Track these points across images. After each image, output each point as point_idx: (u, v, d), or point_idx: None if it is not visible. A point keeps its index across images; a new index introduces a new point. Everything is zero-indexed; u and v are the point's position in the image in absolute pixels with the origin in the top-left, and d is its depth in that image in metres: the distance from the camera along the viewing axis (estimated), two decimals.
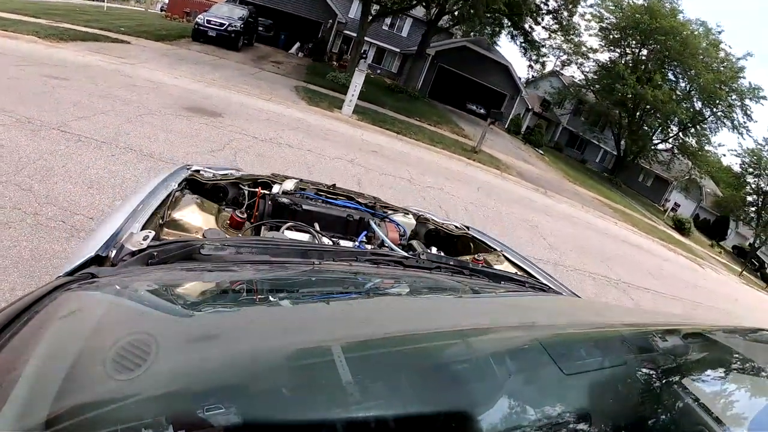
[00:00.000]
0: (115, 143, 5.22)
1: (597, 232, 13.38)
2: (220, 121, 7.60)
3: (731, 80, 28.99)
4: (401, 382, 0.69)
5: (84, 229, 3.47)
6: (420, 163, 10.50)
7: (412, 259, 1.47)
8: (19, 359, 0.61)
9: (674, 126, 32.60)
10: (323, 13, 25.17)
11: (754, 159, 35.11)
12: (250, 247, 1.26)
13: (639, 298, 8.17)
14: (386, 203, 2.35)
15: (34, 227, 3.30)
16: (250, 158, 6.20)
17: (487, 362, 0.81)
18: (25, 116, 5.27)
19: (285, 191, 2.01)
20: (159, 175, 1.85)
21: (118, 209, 1.49)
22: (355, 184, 6.68)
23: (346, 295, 1.15)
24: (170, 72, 10.65)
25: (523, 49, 26.59)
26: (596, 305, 2.66)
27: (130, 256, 1.10)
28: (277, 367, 0.68)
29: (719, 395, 0.84)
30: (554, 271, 6.98)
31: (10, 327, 0.70)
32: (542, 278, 1.92)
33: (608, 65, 32.08)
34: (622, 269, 9.93)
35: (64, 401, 0.54)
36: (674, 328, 1.23)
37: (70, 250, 3.19)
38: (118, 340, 0.67)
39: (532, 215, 10.48)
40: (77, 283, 0.91)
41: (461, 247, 2.40)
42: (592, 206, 18.37)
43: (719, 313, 11.35)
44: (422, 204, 7.17)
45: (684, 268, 16.17)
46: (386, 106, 15.95)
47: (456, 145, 14.62)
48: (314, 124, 10.08)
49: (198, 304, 0.93)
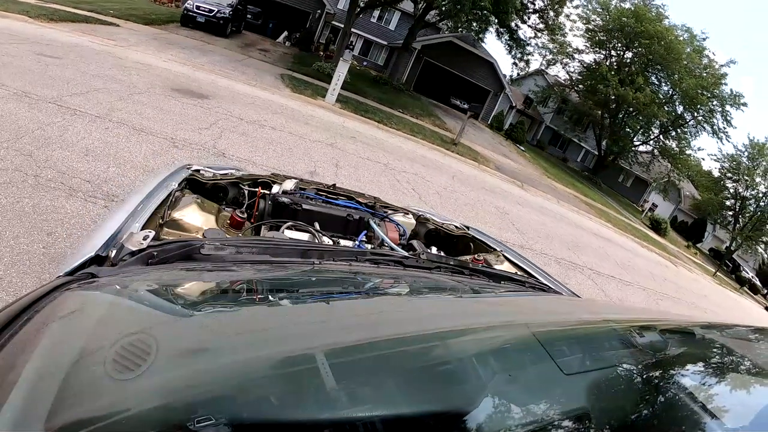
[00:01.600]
0: (108, 118, 5.61)
1: (569, 224, 13.87)
2: (207, 102, 8.00)
3: (713, 86, 29.71)
4: (401, 383, 0.69)
5: (81, 190, 3.88)
6: (397, 151, 10.97)
7: (412, 259, 1.49)
8: (19, 359, 0.61)
9: (656, 128, 33.39)
10: (312, 3, 25.34)
11: (733, 164, 35.97)
12: (250, 247, 1.26)
13: (603, 284, 8.72)
14: (386, 203, 2.37)
15: (35, 187, 3.69)
16: (235, 137, 6.63)
17: (487, 362, 0.82)
18: (22, 90, 5.61)
19: (285, 191, 2.01)
20: (159, 174, 1.87)
21: (118, 209, 1.50)
22: (332, 165, 7.16)
23: (347, 295, 1.15)
24: (159, 55, 10.95)
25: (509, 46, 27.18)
26: (596, 305, 2.71)
27: (130, 256, 1.11)
28: (277, 368, 0.69)
29: (719, 395, 0.84)
30: (522, 253, 7.54)
31: (10, 327, 0.70)
32: (542, 278, 1.94)
33: (593, 66, 32.71)
34: (590, 258, 10.45)
35: (63, 401, 0.54)
36: (675, 328, 1.24)
37: (69, 207, 3.61)
38: (118, 340, 0.68)
39: (505, 204, 11.00)
40: (77, 283, 0.91)
41: (461, 247, 2.41)
42: (567, 201, 18.89)
43: (686, 305, 11.93)
44: (395, 186, 7.68)
45: (655, 264, 16.73)
46: (370, 96, 16.38)
47: (435, 137, 15.11)
48: (297, 110, 10.50)
49: (198, 304, 0.93)
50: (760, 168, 34.75)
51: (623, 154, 34.51)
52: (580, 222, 15.60)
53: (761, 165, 34.65)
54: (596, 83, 30.81)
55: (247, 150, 6.37)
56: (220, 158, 5.67)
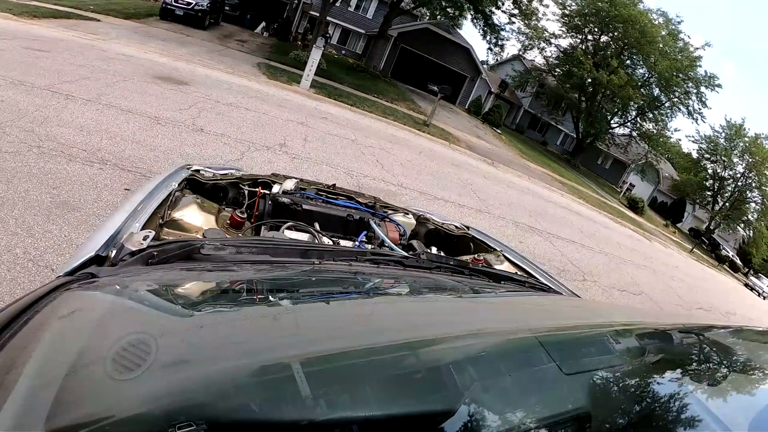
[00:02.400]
0: (98, 101, 6.33)
1: (536, 197, 14.59)
2: (186, 88, 8.73)
3: (688, 68, 30.44)
4: (400, 383, 0.70)
5: (79, 157, 4.62)
6: (367, 130, 11.75)
7: (412, 259, 1.49)
8: (19, 359, 0.62)
9: (633, 111, 34.11)
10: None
11: (711, 145, 36.74)
12: (250, 247, 1.27)
13: (561, 246, 9.56)
14: (386, 203, 2.39)
15: (39, 155, 4.43)
16: (212, 116, 7.39)
17: (486, 362, 0.83)
18: (18, 80, 6.30)
19: (285, 191, 2.03)
20: (159, 174, 1.90)
21: (118, 209, 1.51)
22: (301, 139, 7.96)
23: (347, 295, 1.16)
24: (140, 47, 11.59)
25: (483, 31, 27.88)
26: (596, 305, 2.72)
27: (130, 256, 1.12)
28: (277, 368, 0.69)
29: (719, 395, 0.84)
30: (477, 216, 8.38)
31: (10, 327, 0.71)
32: (542, 278, 1.95)
33: (568, 50, 33.31)
34: (552, 225, 11.19)
35: (64, 401, 0.55)
36: (675, 328, 1.25)
37: (70, 169, 4.35)
38: (118, 340, 0.69)
39: (470, 176, 11.81)
40: (77, 283, 0.92)
41: (461, 247, 2.42)
42: (540, 179, 19.52)
43: (651, 271, 12.81)
44: (359, 157, 8.48)
45: (625, 237, 17.41)
46: (346, 83, 17.07)
47: (408, 119, 15.89)
48: (272, 94, 11.25)
49: (198, 304, 0.94)
50: (738, 149, 35.61)
51: (600, 136, 35.23)
52: (549, 197, 16.32)
53: (738, 146, 35.52)
54: (571, 67, 31.46)
55: (223, 126, 7.14)
56: (198, 133, 6.43)
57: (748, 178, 36.04)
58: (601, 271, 9.55)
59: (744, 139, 35.32)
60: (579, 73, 30.82)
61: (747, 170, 35.84)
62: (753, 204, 36.66)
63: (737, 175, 36.59)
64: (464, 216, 7.93)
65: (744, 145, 35.30)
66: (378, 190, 7.06)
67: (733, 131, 35.57)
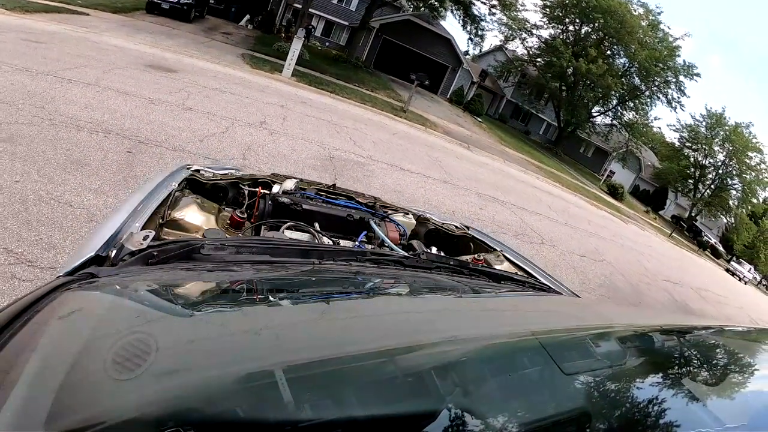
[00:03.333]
0: (97, 85, 7.13)
1: (508, 177, 15.31)
2: (175, 75, 9.53)
3: (667, 58, 31.21)
4: (398, 384, 0.71)
5: (86, 128, 5.44)
6: (345, 114, 12.60)
7: (412, 259, 1.50)
8: (19, 359, 0.62)
9: (614, 99, 34.85)
10: None
11: (691, 134, 37.34)
12: (250, 247, 1.27)
13: (524, 216, 10.35)
14: (386, 203, 2.40)
15: (51, 126, 5.22)
16: (200, 98, 8.23)
17: (486, 362, 0.85)
18: (23, 67, 7.06)
19: (285, 191, 2.03)
20: (159, 174, 1.92)
21: (118, 209, 1.52)
22: (280, 119, 8.82)
23: (347, 296, 1.16)
24: (130, 39, 12.32)
25: (463, 22, 28.68)
26: (596, 305, 2.68)
27: (130, 256, 1.13)
28: (276, 373, 0.68)
29: (719, 395, 0.85)
30: (441, 186, 9.23)
31: (10, 327, 0.71)
32: (542, 278, 1.96)
33: (549, 41, 33.99)
34: (518, 199, 11.92)
35: (63, 401, 0.55)
36: (674, 329, 1.26)
37: (79, 136, 5.17)
38: (117, 340, 0.69)
39: (441, 156, 12.67)
40: (77, 283, 0.93)
41: (461, 247, 2.43)
42: (516, 163, 20.26)
43: (618, 246, 13.47)
44: (334, 135, 9.35)
45: (599, 217, 18.00)
46: (327, 73, 17.86)
47: (386, 106, 16.75)
48: (255, 81, 12.07)
49: (198, 304, 0.95)
50: (718, 137, 36.17)
51: (581, 125, 35.96)
52: (522, 178, 17.08)
53: (719, 134, 36.09)
54: (552, 57, 32.24)
55: (209, 106, 7.98)
56: (187, 111, 7.27)
57: (729, 166, 36.55)
58: (563, 239, 10.32)
59: (725, 127, 35.96)
60: (558, 62, 31.61)
61: (728, 158, 36.38)
62: (734, 191, 37.22)
63: (718, 163, 37.14)
64: (426, 185, 8.83)
65: (725, 133, 35.93)
66: (347, 160, 7.96)
67: (714, 120, 36.23)
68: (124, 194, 4.21)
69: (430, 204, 7.71)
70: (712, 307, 12.93)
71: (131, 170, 4.72)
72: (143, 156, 5.16)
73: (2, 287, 2.67)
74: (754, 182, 35.62)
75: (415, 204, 7.28)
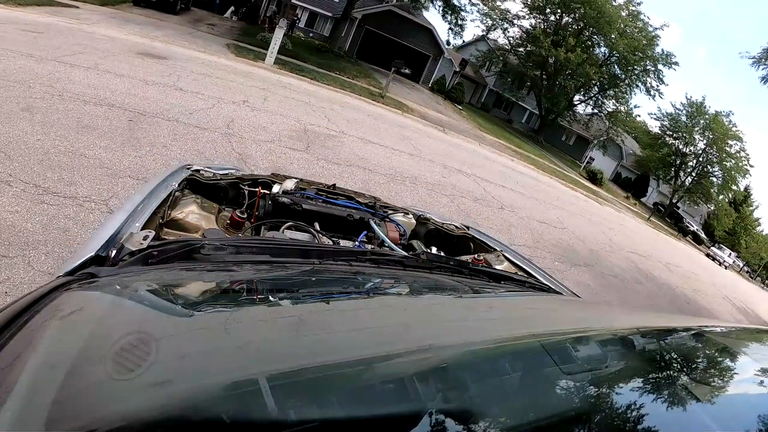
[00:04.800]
0: (96, 69, 8.03)
1: (478, 156, 16.15)
2: (166, 61, 10.44)
3: (646, 47, 32.18)
4: (398, 384, 0.71)
5: (91, 102, 6.34)
6: (323, 97, 13.54)
7: (412, 259, 1.51)
8: (19, 359, 0.62)
9: (595, 88, 35.81)
10: None
11: (672, 123, 38.17)
12: (250, 247, 1.28)
13: (488, 187, 11.23)
14: (386, 203, 2.41)
15: (61, 100, 6.11)
16: (189, 81, 9.17)
17: (486, 362, 0.85)
18: (27, 53, 7.92)
19: (285, 191, 2.04)
20: (159, 174, 1.94)
21: (119, 209, 1.52)
22: (261, 99, 9.77)
23: (347, 296, 1.17)
24: (120, 30, 13.14)
25: (443, 12, 29.56)
26: (596, 306, 2.71)
27: (130, 256, 1.13)
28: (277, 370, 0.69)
29: (719, 395, 0.85)
30: (408, 158, 10.15)
31: (10, 327, 0.71)
32: (542, 278, 1.97)
33: (530, 30, 34.85)
34: (485, 173, 12.74)
35: (63, 402, 0.55)
36: (674, 329, 1.26)
37: (86, 108, 6.09)
38: (118, 340, 0.70)
39: (414, 136, 13.63)
40: (77, 283, 0.94)
41: (461, 247, 2.44)
42: (491, 146, 21.04)
43: (586, 220, 14.25)
44: (309, 113, 10.32)
45: (569, 196, 18.85)
46: (310, 62, 18.73)
47: (365, 91, 17.69)
48: (239, 68, 12.99)
49: (198, 304, 0.95)
50: (699, 126, 37.03)
51: (562, 113, 36.88)
52: (494, 158, 17.95)
53: (699, 123, 36.95)
54: (532, 46, 33.15)
55: (198, 88, 8.91)
56: (178, 91, 8.20)
57: (709, 154, 37.33)
58: (525, 207, 11.20)
59: (705, 116, 36.83)
60: (537, 51, 32.52)
61: (708, 146, 37.14)
62: (714, 179, 38.00)
63: (699, 151, 37.96)
64: (393, 156, 9.83)
65: (705, 122, 36.80)
66: (320, 133, 8.94)
67: (694, 109, 37.15)
68: (128, 150, 5.18)
69: (393, 169, 8.73)
70: (678, 279, 13.79)
71: (133, 134, 5.67)
72: (142, 124, 6.10)
73: (35, 209, 3.58)
74: (734, 169, 36.52)
75: (379, 169, 8.32)
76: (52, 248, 3.20)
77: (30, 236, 3.24)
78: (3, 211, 3.38)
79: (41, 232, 3.33)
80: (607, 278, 8.98)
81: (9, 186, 3.74)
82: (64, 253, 3.20)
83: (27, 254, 3.06)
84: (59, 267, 1.44)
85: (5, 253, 2.99)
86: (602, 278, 8.77)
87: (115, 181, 4.43)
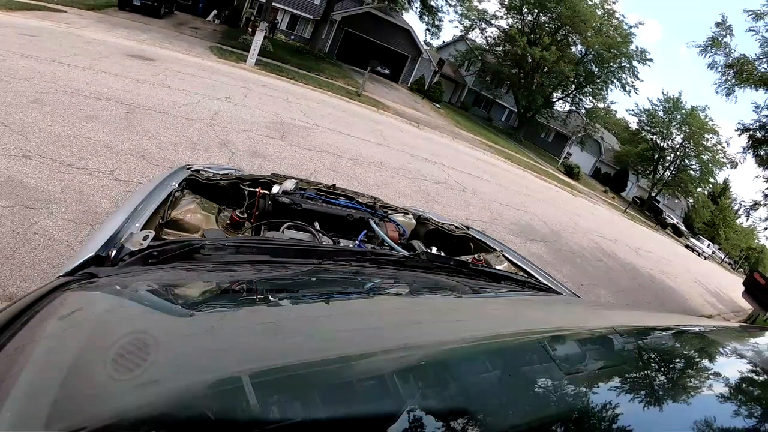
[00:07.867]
0: (92, 68, 8.92)
1: (449, 148, 17.02)
2: (154, 63, 11.34)
3: (621, 45, 33.47)
4: (398, 384, 0.70)
5: (92, 96, 7.25)
6: (301, 95, 14.48)
7: (412, 259, 1.52)
8: (20, 359, 0.63)
9: (573, 85, 37.04)
10: None
11: (649, 118, 39.53)
12: (250, 247, 1.29)
13: (452, 173, 12.16)
14: (386, 203, 2.42)
15: (65, 95, 6.98)
16: (176, 79, 10.11)
17: (486, 362, 0.85)
18: (25, 54, 8.73)
19: (285, 191, 2.05)
20: (159, 175, 1.98)
21: (119, 209, 1.54)
22: (242, 96, 10.74)
23: (347, 296, 1.17)
24: (109, 34, 13.96)
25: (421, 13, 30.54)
26: (596, 306, 2.73)
27: (130, 256, 1.14)
28: (278, 369, 0.69)
29: (719, 396, 0.85)
30: (376, 147, 11.08)
31: (10, 327, 0.72)
32: (542, 278, 1.99)
33: (507, 30, 36.03)
34: (451, 162, 13.63)
35: (63, 402, 0.55)
36: (674, 329, 1.26)
37: (87, 102, 7.01)
38: (118, 340, 0.70)
39: (386, 129, 14.59)
40: (77, 283, 0.94)
41: (461, 247, 2.45)
42: (466, 141, 21.99)
43: (557, 208, 14.88)
44: (287, 108, 11.30)
45: (539, 186, 19.69)
46: (290, 63, 19.60)
47: (342, 90, 18.63)
48: (222, 69, 13.91)
49: (198, 304, 0.95)
50: (676, 120, 38.34)
51: (540, 111, 38.05)
52: (466, 151, 18.89)
53: (677, 118, 38.26)
54: (508, 45, 34.22)
55: (184, 86, 9.85)
56: (167, 88, 9.13)
57: (687, 148, 38.41)
58: (488, 192, 12.10)
59: (682, 111, 38.13)
60: (514, 50, 33.62)
61: (685, 140, 38.20)
62: (692, 172, 39.01)
63: (676, 145, 39.19)
64: (362, 145, 10.84)
65: (681, 116, 38.06)
66: (295, 125, 9.92)
67: (671, 104, 38.52)
68: (127, 135, 6.13)
69: (360, 155, 9.75)
70: (647, 262, 14.67)
71: (130, 122, 6.62)
72: (138, 115, 7.04)
73: (54, 176, 4.47)
74: (711, 162, 37.71)
75: (346, 154, 9.35)
76: (69, 203, 4.13)
77: (51, 195, 4.16)
78: (28, 178, 4.29)
79: (60, 192, 4.26)
80: (564, 253, 9.98)
81: (30, 159, 4.65)
82: (80, 207, 4.14)
83: (50, 207, 3.99)
84: (59, 267, 1.46)
85: (33, 206, 3.90)
86: (558, 252, 9.76)
87: (118, 157, 5.38)
